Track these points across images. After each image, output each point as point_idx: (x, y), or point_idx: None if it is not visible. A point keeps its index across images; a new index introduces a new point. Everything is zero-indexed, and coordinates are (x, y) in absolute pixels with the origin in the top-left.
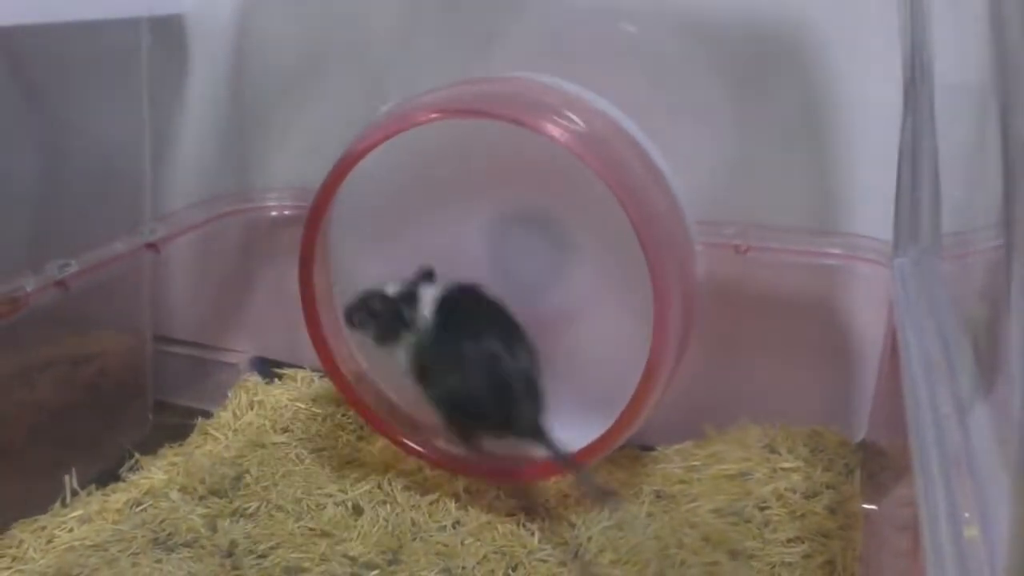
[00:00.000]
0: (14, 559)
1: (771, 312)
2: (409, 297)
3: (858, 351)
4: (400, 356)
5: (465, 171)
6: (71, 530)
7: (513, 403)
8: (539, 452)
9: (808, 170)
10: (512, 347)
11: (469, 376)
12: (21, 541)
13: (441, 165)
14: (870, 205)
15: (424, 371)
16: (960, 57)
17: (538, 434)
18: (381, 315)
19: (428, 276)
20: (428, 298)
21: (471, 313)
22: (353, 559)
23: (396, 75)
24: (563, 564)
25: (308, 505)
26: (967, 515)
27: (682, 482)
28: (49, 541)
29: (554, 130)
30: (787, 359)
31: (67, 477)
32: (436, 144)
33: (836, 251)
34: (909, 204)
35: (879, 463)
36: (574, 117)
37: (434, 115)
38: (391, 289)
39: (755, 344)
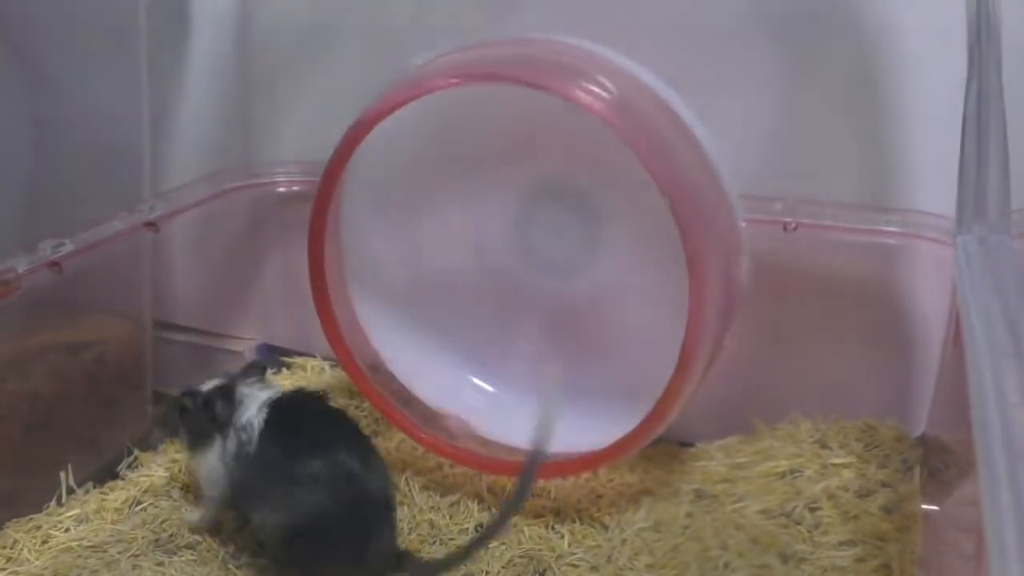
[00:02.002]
0: (8, 560)
1: (822, 295)
2: (226, 393)
3: (917, 337)
4: (211, 467)
5: (488, 141)
6: (67, 530)
7: (371, 530)
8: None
9: (863, 140)
10: (366, 461)
11: (314, 497)
12: (15, 541)
13: (462, 135)
14: (930, 178)
15: (247, 492)
16: None
17: (401, 559)
18: (190, 414)
19: (258, 370)
20: (254, 398)
21: (312, 419)
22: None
23: (412, 38)
24: (595, 569)
25: None
26: None
27: (726, 480)
28: (44, 542)
29: (584, 96)
30: (839, 346)
31: (63, 474)
32: (456, 112)
33: (893, 228)
34: (974, 177)
35: (941, 459)
36: (605, 82)
37: (453, 80)
38: (207, 386)
39: (804, 330)
